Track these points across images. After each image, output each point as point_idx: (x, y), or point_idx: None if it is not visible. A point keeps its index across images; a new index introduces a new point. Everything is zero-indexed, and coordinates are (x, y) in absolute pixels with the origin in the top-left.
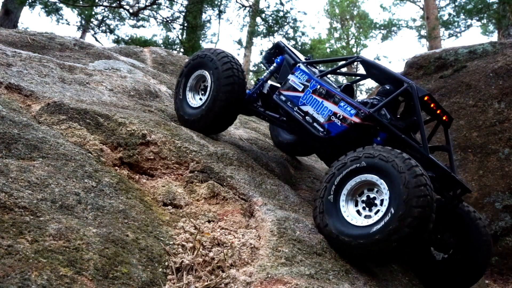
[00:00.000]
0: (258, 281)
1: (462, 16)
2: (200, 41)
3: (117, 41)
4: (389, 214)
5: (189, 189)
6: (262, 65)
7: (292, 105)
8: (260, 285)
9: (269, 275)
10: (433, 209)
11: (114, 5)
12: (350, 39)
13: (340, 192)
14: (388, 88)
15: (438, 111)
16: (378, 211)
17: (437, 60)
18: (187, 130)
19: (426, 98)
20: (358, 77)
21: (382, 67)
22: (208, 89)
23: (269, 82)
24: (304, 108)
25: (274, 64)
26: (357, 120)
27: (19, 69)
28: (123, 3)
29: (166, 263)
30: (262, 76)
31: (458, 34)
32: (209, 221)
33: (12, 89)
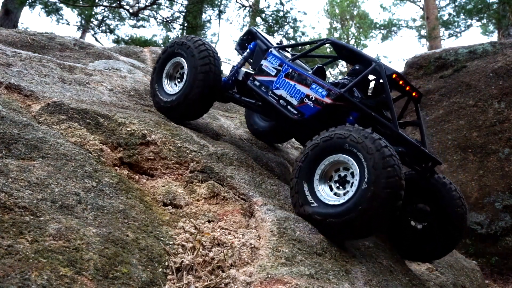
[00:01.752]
0: (258, 281)
1: (462, 16)
2: None
3: (117, 41)
4: (359, 194)
5: (189, 189)
6: (236, 52)
7: (266, 89)
8: (260, 285)
9: (269, 275)
10: (401, 188)
11: (114, 5)
12: (350, 39)
13: (314, 172)
14: (357, 68)
15: (407, 88)
16: (348, 191)
17: (437, 60)
18: (187, 130)
19: (394, 76)
20: (330, 59)
21: (351, 48)
22: (185, 76)
23: (244, 69)
24: (278, 92)
25: (248, 50)
26: (328, 100)
27: (19, 69)
28: (123, 3)
29: (166, 263)
30: (237, 63)
31: (458, 34)
32: (209, 221)
33: (12, 89)
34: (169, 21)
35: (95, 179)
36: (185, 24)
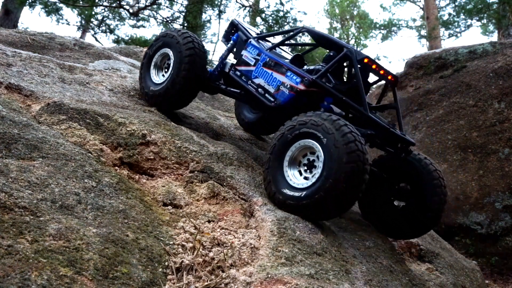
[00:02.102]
0: (258, 281)
1: (462, 16)
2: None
3: (117, 41)
4: (324, 174)
5: (189, 189)
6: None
7: (246, 79)
8: (260, 285)
9: (269, 275)
10: (365, 163)
11: (114, 5)
12: (350, 39)
13: (283, 159)
14: (331, 54)
15: (382, 72)
16: (316, 173)
17: (437, 60)
18: (187, 130)
19: (365, 60)
20: (311, 47)
21: (325, 35)
22: (171, 66)
23: (229, 60)
24: (257, 80)
25: (231, 42)
26: (302, 87)
27: (19, 69)
28: (123, 3)
29: (166, 263)
30: (221, 54)
31: (458, 34)
32: (209, 221)
33: (12, 89)
34: (169, 21)
35: (95, 179)
36: (185, 24)
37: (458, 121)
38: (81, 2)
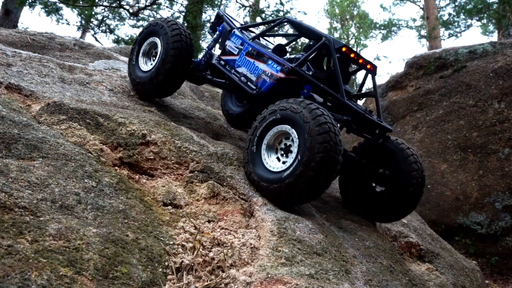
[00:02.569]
0: (258, 281)
1: (462, 16)
2: (200, 41)
3: (117, 41)
4: (297, 160)
5: (189, 189)
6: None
7: (230, 68)
8: (260, 285)
9: (269, 275)
10: (337, 144)
11: (114, 5)
12: (350, 39)
13: (261, 142)
14: (311, 43)
15: (360, 61)
16: (291, 157)
17: (437, 60)
18: (187, 130)
19: (344, 49)
20: (294, 37)
21: (305, 25)
22: (158, 53)
23: (216, 52)
24: (239, 69)
25: (217, 33)
26: (282, 75)
27: (19, 69)
28: (123, 3)
29: (166, 263)
30: (208, 45)
31: (458, 34)
32: (209, 221)
33: (12, 89)
34: None
35: (95, 179)
36: (185, 24)
37: (458, 121)
38: (81, 2)
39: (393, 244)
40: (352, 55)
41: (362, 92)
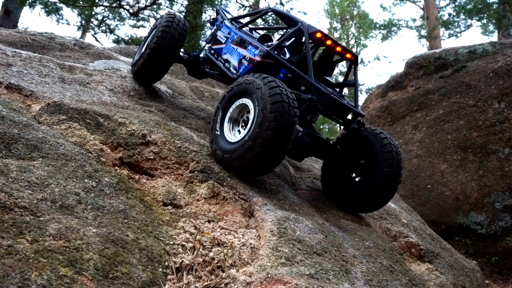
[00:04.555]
0: (258, 281)
1: (462, 16)
2: (200, 41)
3: (117, 41)
4: (253, 125)
5: (189, 189)
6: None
7: (217, 55)
8: (260, 285)
9: (269, 275)
10: (290, 113)
11: (114, 5)
12: (350, 39)
13: (225, 116)
14: (290, 30)
15: (338, 49)
16: (248, 127)
17: (437, 60)
18: (187, 130)
19: (318, 35)
20: (280, 28)
21: (287, 14)
22: (147, 41)
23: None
24: (225, 56)
25: (214, 27)
26: (258, 58)
27: (19, 69)
28: (123, 3)
29: (166, 263)
30: (206, 39)
31: (458, 34)
32: (209, 221)
33: (12, 89)
34: None
35: (95, 179)
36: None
37: (458, 121)
38: (81, 2)
39: (393, 244)
40: (328, 42)
41: (347, 82)
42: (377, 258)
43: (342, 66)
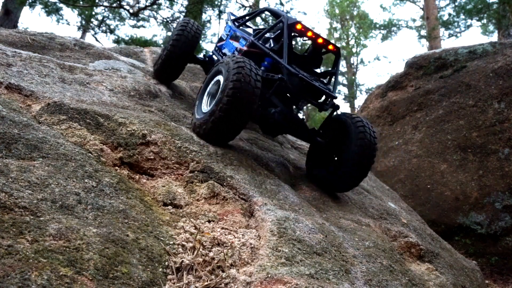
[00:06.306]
0: (258, 281)
1: (462, 16)
2: (200, 41)
3: (117, 41)
4: (218, 94)
5: (189, 189)
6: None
7: (219, 51)
8: (260, 285)
9: (269, 275)
10: (250, 83)
11: (114, 5)
12: (350, 39)
13: (204, 92)
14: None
15: (320, 40)
16: None
17: (437, 60)
18: (187, 130)
19: (298, 26)
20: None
21: (277, 11)
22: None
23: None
24: (224, 50)
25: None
26: (245, 48)
27: (19, 69)
28: (123, 3)
29: (166, 263)
30: (217, 41)
31: (458, 34)
32: (209, 221)
33: (12, 89)
34: (169, 21)
35: (95, 179)
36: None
37: (458, 121)
38: (81, 2)
39: (393, 244)
40: (309, 33)
41: (329, 71)
42: (377, 258)
43: (342, 67)
